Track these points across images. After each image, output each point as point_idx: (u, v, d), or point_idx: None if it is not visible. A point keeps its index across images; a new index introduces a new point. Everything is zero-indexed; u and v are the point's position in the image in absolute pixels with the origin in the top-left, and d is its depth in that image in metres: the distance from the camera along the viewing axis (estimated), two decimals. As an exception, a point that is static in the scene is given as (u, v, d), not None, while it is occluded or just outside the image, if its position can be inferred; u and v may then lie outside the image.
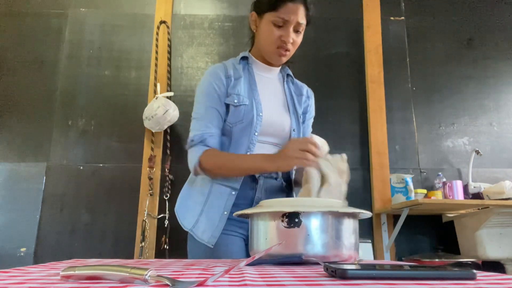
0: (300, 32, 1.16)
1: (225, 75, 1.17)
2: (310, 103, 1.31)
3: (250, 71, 1.22)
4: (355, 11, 2.79)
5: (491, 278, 0.46)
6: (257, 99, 1.16)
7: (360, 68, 2.70)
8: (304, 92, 1.29)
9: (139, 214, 2.37)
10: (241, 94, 1.15)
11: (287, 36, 1.12)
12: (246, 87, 1.17)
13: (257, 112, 1.13)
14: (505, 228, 2.12)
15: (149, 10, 2.73)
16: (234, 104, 1.13)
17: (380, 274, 0.44)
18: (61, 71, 2.62)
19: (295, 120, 1.21)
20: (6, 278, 0.44)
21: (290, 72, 1.30)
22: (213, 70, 1.19)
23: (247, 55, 1.24)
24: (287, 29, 1.12)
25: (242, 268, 0.56)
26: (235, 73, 1.19)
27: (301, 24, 1.13)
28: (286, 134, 1.19)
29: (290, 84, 1.28)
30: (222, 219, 1.09)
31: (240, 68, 1.21)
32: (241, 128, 1.13)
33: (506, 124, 2.67)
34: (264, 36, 1.15)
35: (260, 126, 1.13)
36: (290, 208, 0.64)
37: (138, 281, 0.39)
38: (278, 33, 1.12)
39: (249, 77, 1.21)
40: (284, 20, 1.11)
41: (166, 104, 2.37)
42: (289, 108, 1.22)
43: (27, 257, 2.30)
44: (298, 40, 1.17)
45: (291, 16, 1.10)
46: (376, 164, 2.49)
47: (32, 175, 2.44)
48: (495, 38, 2.80)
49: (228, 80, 1.16)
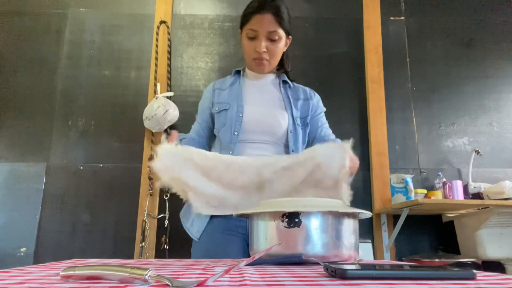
0: (276, 40, 1.19)
1: (212, 89, 1.31)
2: (314, 103, 1.32)
3: (240, 82, 1.29)
4: (355, 11, 2.79)
5: (491, 278, 0.46)
6: (240, 102, 1.22)
7: (360, 68, 2.70)
8: (301, 96, 1.31)
9: (139, 214, 2.37)
10: (222, 102, 1.25)
11: (258, 46, 1.18)
12: (230, 95, 1.26)
13: (237, 114, 1.20)
14: (505, 228, 2.12)
15: (149, 10, 2.73)
16: (216, 111, 1.25)
17: (380, 274, 0.44)
18: (61, 71, 2.62)
19: (292, 123, 1.22)
20: (6, 278, 0.44)
21: (286, 78, 1.32)
22: (205, 91, 1.35)
23: (240, 69, 1.34)
24: (258, 39, 1.18)
25: (242, 268, 0.56)
26: (222, 85, 1.31)
27: (274, 32, 1.17)
28: (282, 132, 1.20)
29: (287, 89, 1.30)
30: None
31: (230, 81, 1.31)
32: (224, 131, 1.21)
33: (506, 124, 2.67)
34: (243, 50, 1.25)
35: (240, 126, 1.18)
36: (290, 208, 0.64)
37: (138, 281, 0.39)
38: (251, 45, 1.19)
39: (237, 86, 1.28)
40: (254, 31, 1.17)
41: (166, 104, 2.37)
42: (287, 109, 1.24)
43: (27, 257, 2.31)
44: (275, 48, 1.21)
45: (260, 26, 1.16)
46: (376, 164, 2.49)
47: (32, 175, 2.44)
48: (495, 38, 2.80)
49: (214, 93, 1.30)
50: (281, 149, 1.21)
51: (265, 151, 1.18)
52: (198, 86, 2.64)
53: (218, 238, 1.11)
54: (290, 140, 1.20)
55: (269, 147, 1.19)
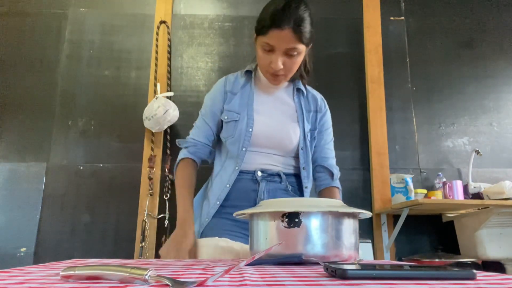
0: (294, 55, 1.07)
1: (224, 90, 1.22)
2: (322, 116, 1.27)
3: (251, 86, 1.22)
4: (355, 11, 2.79)
5: (491, 278, 0.46)
6: (250, 114, 1.16)
7: (360, 68, 2.70)
8: (312, 108, 1.25)
9: (139, 214, 2.37)
10: (232, 110, 1.18)
11: (275, 62, 1.07)
12: (241, 103, 1.18)
13: (246, 128, 1.14)
14: (505, 228, 2.12)
15: (149, 10, 2.73)
16: (225, 120, 1.18)
17: (380, 274, 0.44)
18: (61, 71, 2.62)
19: (303, 139, 1.18)
20: (6, 278, 0.44)
21: (301, 86, 1.25)
22: (215, 87, 1.25)
23: (251, 69, 1.24)
24: (275, 55, 1.06)
25: (242, 268, 0.56)
26: (234, 88, 1.22)
27: (293, 49, 1.05)
28: (292, 147, 1.17)
29: (301, 98, 1.24)
30: (213, 207, 1.16)
31: (241, 83, 1.22)
32: (232, 143, 1.16)
33: (506, 124, 2.67)
34: (258, 59, 1.14)
35: (248, 141, 1.14)
36: (290, 208, 0.64)
37: (138, 281, 0.39)
38: (267, 58, 1.08)
39: (249, 92, 1.20)
40: (270, 45, 1.05)
41: (166, 104, 2.37)
42: (299, 122, 1.19)
43: (27, 257, 2.30)
44: (294, 65, 1.10)
45: (278, 42, 1.04)
46: (376, 164, 2.49)
47: (32, 175, 2.44)
48: (495, 38, 2.80)
49: (225, 96, 1.21)
50: (291, 161, 1.20)
51: (274, 161, 1.17)
52: (198, 86, 2.64)
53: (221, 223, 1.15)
54: (301, 157, 1.18)
55: (279, 158, 1.17)
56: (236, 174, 1.15)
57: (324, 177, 1.24)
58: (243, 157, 1.14)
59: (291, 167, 1.20)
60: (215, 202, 1.15)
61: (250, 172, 1.15)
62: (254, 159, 1.15)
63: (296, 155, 1.19)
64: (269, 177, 1.16)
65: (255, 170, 1.15)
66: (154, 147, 2.47)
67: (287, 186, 1.18)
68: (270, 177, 1.16)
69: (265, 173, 1.16)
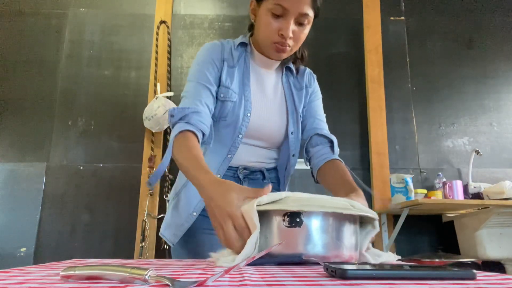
0: (305, 25, 0.96)
1: (221, 58, 1.04)
2: (310, 90, 1.16)
3: (246, 62, 1.07)
4: (355, 11, 2.79)
5: (491, 278, 0.46)
6: (248, 96, 1.03)
7: (360, 68, 2.70)
8: (303, 84, 1.14)
9: (139, 214, 2.37)
10: (230, 88, 1.01)
11: (286, 28, 0.93)
12: (238, 80, 1.03)
13: (244, 112, 1.01)
14: (505, 228, 2.12)
15: (149, 10, 2.73)
16: (221, 98, 1.01)
17: (380, 274, 0.44)
18: (61, 71, 2.62)
19: (294, 122, 1.08)
20: (6, 278, 0.44)
21: (291, 65, 1.13)
22: (210, 50, 1.05)
23: (246, 42, 1.09)
24: (287, 20, 0.93)
25: (242, 268, 0.56)
26: (230, 59, 1.05)
27: (305, 16, 0.93)
28: (279, 138, 1.07)
29: (290, 77, 1.13)
30: (189, 220, 1.00)
31: (236, 56, 1.06)
32: (224, 126, 1.01)
33: (506, 124, 2.67)
34: (261, 28, 0.98)
35: (246, 127, 1.01)
36: (292, 207, 0.64)
37: (138, 281, 0.39)
38: (276, 25, 0.94)
39: (244, 69, 1.06)
40: (284, 8, 0.91)
41: (166, 104, 2.37)
42: (288, 108, 1.09)
43: (27, 257, 2.31)
44: (302, 35, 0.98)
45: (292, 5, 0.91)
46: (376, 164, 2.49)
47: (32, 175, 2.44)
48: (495, 38, 2.80)
49: (222, 64, 1.03)
50: (273, 154, 1.10)
51: (259, 157, 1.08)
52: (198, 86, 2.63)
53: (201, 239, 1.01)
54: (291, 143, 1.08)
55: (263, 152, 1.08)
56: (227, 164, 1.02)
57: (323, 150, 1.07)
58: (238, 146, 1.02)
59: (272, 161, 1.11)
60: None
61: (232, 168, 1.06)
62: (239, 153, 1.04)
63: (278, 146, 1.09)
64: (251, 174, 1.08)
65: (238, 167, 1.06)
66: (154, 147, 2.47)
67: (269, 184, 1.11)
68: (252, 175, 1.09)
69: (248, 170, 1.07)
